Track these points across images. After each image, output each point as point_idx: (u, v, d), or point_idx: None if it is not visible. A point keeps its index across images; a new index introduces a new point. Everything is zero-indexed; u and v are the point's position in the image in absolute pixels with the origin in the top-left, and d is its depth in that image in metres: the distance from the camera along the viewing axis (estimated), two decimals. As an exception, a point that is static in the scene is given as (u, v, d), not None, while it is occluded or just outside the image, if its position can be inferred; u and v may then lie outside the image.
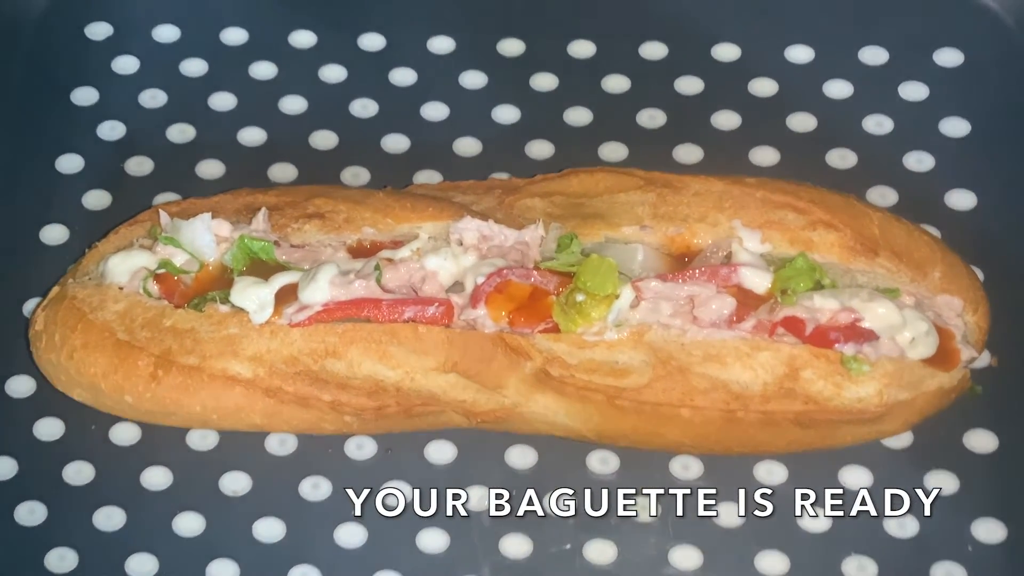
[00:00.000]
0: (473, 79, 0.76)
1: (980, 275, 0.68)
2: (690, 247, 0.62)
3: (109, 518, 0.64)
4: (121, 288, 0.63)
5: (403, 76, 0.77)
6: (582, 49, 0.77)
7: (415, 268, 0.61)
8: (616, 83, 0.76)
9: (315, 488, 0.65)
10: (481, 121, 0.75)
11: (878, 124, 0.74)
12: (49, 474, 0.65)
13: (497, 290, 0.60)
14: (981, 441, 0.65)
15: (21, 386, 0.67)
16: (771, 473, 0.64)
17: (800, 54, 0.76)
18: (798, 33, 0.77)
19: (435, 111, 0.75)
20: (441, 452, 0.66)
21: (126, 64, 0.78)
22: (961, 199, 0.71)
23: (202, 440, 0.66)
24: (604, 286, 0.59)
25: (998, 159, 0.72)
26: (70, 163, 0.75)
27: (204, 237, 0.62)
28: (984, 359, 0.66)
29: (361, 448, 0.66)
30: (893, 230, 0.63)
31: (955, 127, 0.73)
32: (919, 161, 0.72)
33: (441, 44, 0.78)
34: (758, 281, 0.60)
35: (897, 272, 0.62)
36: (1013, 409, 0.66)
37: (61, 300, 0.63)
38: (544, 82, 0.76)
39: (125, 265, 0.63)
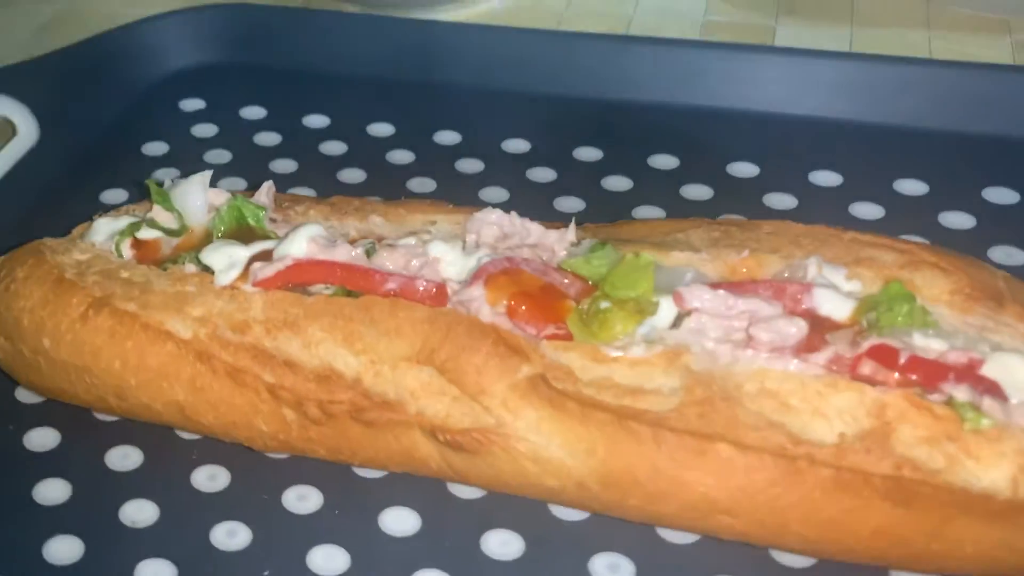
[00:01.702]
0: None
1: None
2: (754, 277, 0.46)
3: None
4: (94, 244, 0.52)
5: (472, 166, 0.69)
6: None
7: (416, 253, 0.48)
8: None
9: (231, 536, 0.47)
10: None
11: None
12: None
13: (503, 274, 0.45)
14: None
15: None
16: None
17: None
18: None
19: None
20: (402, 522, 0.47)
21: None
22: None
23: (122, 460, 0.51)
24: (635, 284, 0.44)
25: None
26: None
27: (197, 197, 0.52)
28: None
29: (304, 500, 0.49)
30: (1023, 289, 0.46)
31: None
32: None
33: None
34: (838, 307, 0.43)
35: (1032, 335, 0.43)
36: None
37: (31, 245, 0.53)
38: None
39: (109, 227, 0.53)
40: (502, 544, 0.46)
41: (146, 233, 0.52)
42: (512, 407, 0.43)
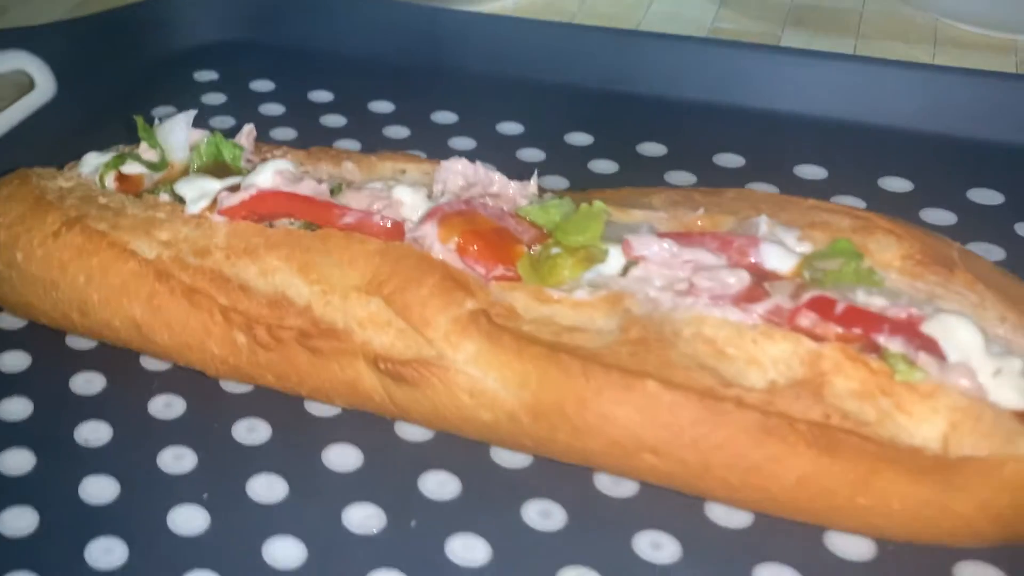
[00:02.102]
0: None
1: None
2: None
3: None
4: (80, 174, 0.54)
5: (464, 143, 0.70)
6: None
7: (380, 195, 0.49)
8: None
9: (178, 459, 0.48)
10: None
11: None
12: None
13: (459, 214, 0.46)
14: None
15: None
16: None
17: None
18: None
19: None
20: (343, 457, 0.47)
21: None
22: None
23: (86, 385, 0.52)
24: (585, 230, 0.44)
25: None
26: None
27: (179, 134, 0.53)
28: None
29: (252, 431, 0.49)
30: (980, 262, 0.45)
31: None
32: None
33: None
34: (783, 261, 0.43)
35: (980, 303, 0.42)
36: None
37: (20, 171, 0.54)
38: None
39: (96, 160, 0.55)
40: (440, 484, 0.46)
41: (130, 167, 0.54)
42: (453, 340, 0.43)
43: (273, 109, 0.74)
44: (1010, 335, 0.42)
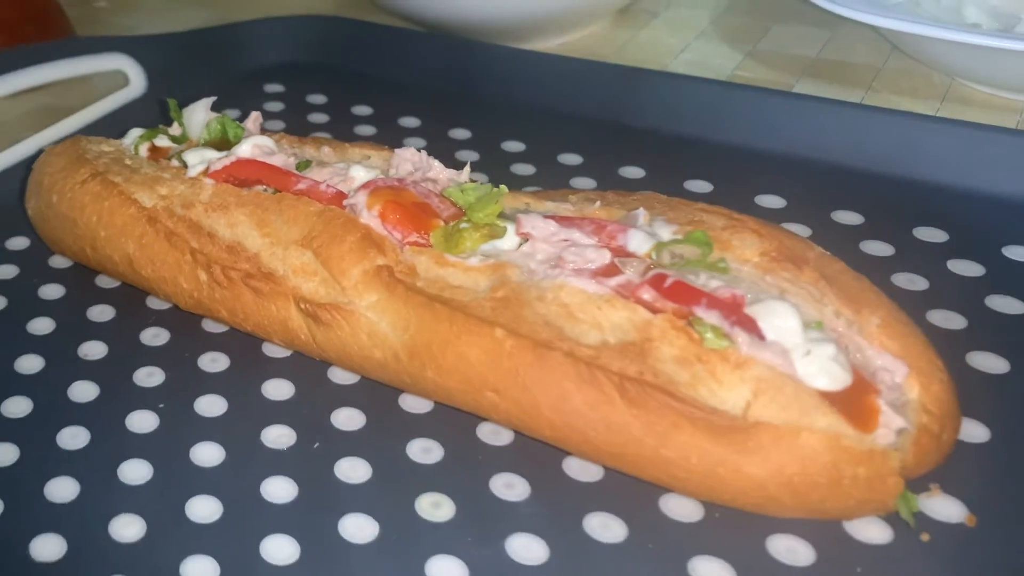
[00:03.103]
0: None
1: (986, 434, 0.48)
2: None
3: None
4: (122, 143, 0.65)
5: (470, 156, 0.78)
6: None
7: (338, 172, 0.57)
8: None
9: (149, 376, 0.57)
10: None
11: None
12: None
13: (388, 187, 0.53)
14: (912, 601, 0.41)
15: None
16: (606, 527, 0.45)
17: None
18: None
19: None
20: (279, 388, 0.55)
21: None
22: (989, 362, 0.53)
23: (99, 315, 0.62)
24: (485, 210, 0.51)
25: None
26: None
27: (198, 115, 0.64)
28: (956, 514, 0.44)
29: (215, 362, 0.58)
30: (834, 264, 0.48)
31: (1007, 304, 0.57)
32: (946, 319, 0.56)
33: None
34: (642, 244, 0.47)
35: (821, 299, 0.46)
36: (965, 572, 0.42)
37: (76, 137, 0.66)
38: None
39: (136, 133, 0.66)
40: (348, 419, 0.53)
41: (161, 141, 0.65)
42: (360, 289, 0.50)
43: (318, 118, 0.85)
44: (842, 328, 0.45)
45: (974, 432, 0.49)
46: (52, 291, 0.66)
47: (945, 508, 0.45)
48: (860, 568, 0.43)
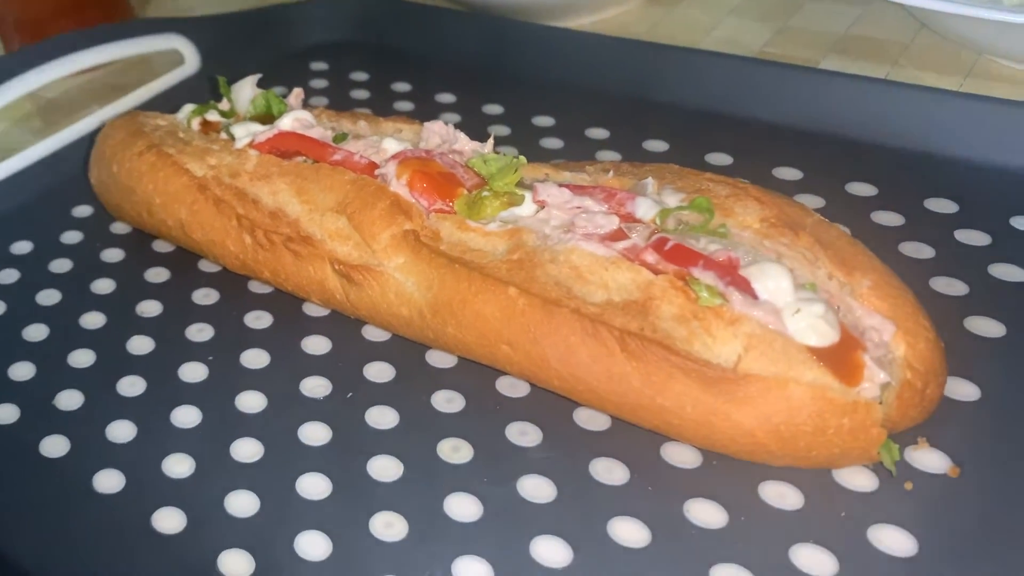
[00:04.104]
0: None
1: (976, 393, 0.51)
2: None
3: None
4: (176, 118, 0.70)
5: (502, 131, 0.81)
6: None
7: (371, 144, 0.61)
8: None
9: (200, 332, 0.62)
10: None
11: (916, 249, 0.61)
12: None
13: (416, 158, 0.57)
14: (893, 541, 0.44)
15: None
16: (610, 471, 0.49)
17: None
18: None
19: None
20: (317, 344, 0.60)
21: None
22: (986, 326, 0.55)
23: (155, 276, 0.68)
24: (504, 177, 0.54)
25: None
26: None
27: (246, 91, 0.68)
28: (941, 465, 0.47)
29: (259, 320, 0.63)
30: (831, 230, 0.50)
31: (1008, 271, 0.59)
32: (949, 285, 0.58)
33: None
34: (648, 211, 0.51)
35: (815, 262, 0.48)
36: (947, 523, 0.44)
37: (133, 111, 0.71)
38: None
39: (189, 108, 0.71)
40: (379, 372, 0.57)
41: (211, 115, 0.69)
42: (389, 252, 0.55)
43: (359, 94, 0.89)
44: (834, 290, 0.48)
45: (966, 391, 0.51)
46: (113, 255, 0.71)
47: (930, 460, 0.48)
48: (844, 512, 0.46)
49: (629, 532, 0.46)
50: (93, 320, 0.65)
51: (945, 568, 0.43)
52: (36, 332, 0.64)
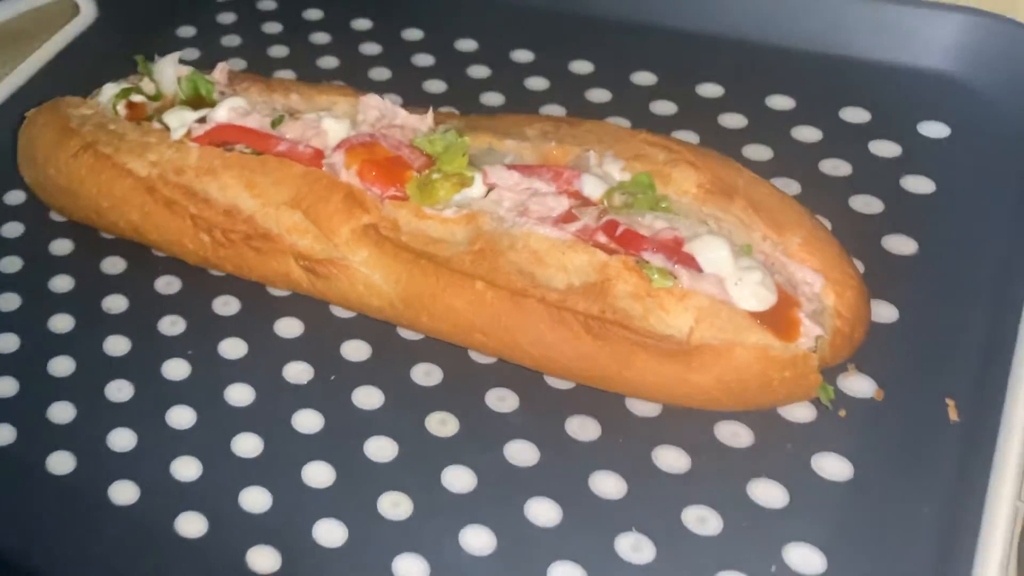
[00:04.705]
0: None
1: (895, 315, 0.58)
2: (558, 163, 0.58)
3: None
4: (99, 103, 0.69)
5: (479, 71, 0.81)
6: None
7: (311, 125, 0.62)
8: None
9: (172, 325, 0.65)
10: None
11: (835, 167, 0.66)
12: None
13: (363, 145, 0.59)
14: (832, 466, 0.52)
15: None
16: (583, 428, 0.55)
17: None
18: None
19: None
20: (290, 327, 0.63)
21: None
22: (900, 244, 0.61)
23: (112, 267, 0.69)
24: (453, 162, 0.57)
25: (952, 218, 0.62)
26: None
27: (168, 72, 0.67)
28: (868, 389, 0.54)
29: (227, 306, 0.65)
30: (761, 188, 0.55)
31: (918, 184, 0.65)
32: (866, 204, 0.64)
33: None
34: (596, 189, 0.54)
35: (751, 225, 0.53)
36: (878, 445, 0.52)
37: (55, 101, 0.70)
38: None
39: (111, 91, 0.69)
40: (355, 350, 0.61)
41: (136, 97, 0.68)
42: (352, 246, 0.57)
43: (272, 28, 0.87)
44: (768, 250, 0.53)
45: (884, 313, 0.58)
46: (62, 247, 0.71)
47: (859, 385, 0.55)
48: (790, 444, 0.53)
49: (608, 485, 0.53)
50: (62, 323, 0.66)
51: (878, 489, 0.51)
52: (8, 343, 0.66)
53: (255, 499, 0.56)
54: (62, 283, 0.69)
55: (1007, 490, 0.48)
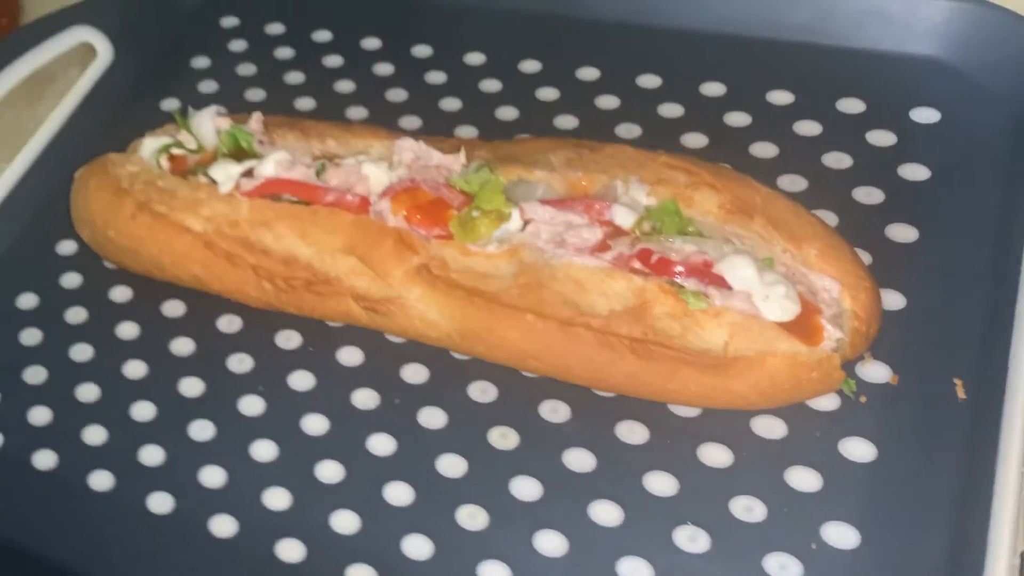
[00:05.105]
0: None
1: (902, 302, 0.63)
2: (587, 191, 0.63)
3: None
4: (143, 159, 0.73)
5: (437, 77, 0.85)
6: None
7: (353, 171, 0.67)
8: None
9: (240, 363, 0.70)
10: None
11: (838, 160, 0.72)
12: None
13: (405, 191, 0.64)
14: (858, 449, 0.59)
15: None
16: (632, 432, 0.61)
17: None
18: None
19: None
20: (351, 355, 0.69)
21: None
22: (903, 232, 0.67)
23: (172, 309, 0.74)
24: (491, 200, 0.62)
25: (948, 204, 0.68)
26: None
27: (207, 125, 0.71)
28: (884, 375, 0.61)
29: (288, 340, 0.71)
30: (778, 204, 0.61)
31: (915, 172, 0.70)
32: (868, 194, 0.69)
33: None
34: (627, 218, 0.60)
35: (771, 240, 0.59)
36: (898, 427, 0.59)
37: (99, 160, 0.74)
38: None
39: (152, 144, 0.74)
40: (415, 373, 0.67)
41: (176, 151, 0.73)
42: (406, 285, 0.63)
43: (284, 53, 0.90)
44: (789, 262, 0.59)
45: (892, 301, 0.63)
46: (122, 294, 0.76)
47: (876, 372, 0.61)
48: (819, 432, 0.59)
49: (661, 483, 0.59)
50: (136, 370, 0.72)
51: (899, 466, 0.57)
52: (89, 393, 0.71)
53: (346, 521, 0.62)
54: (128, 330, 0.74)
55: (1013, 460, 0.55)
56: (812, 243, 0.59)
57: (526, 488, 0.61)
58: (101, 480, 0.67)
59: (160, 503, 0.65)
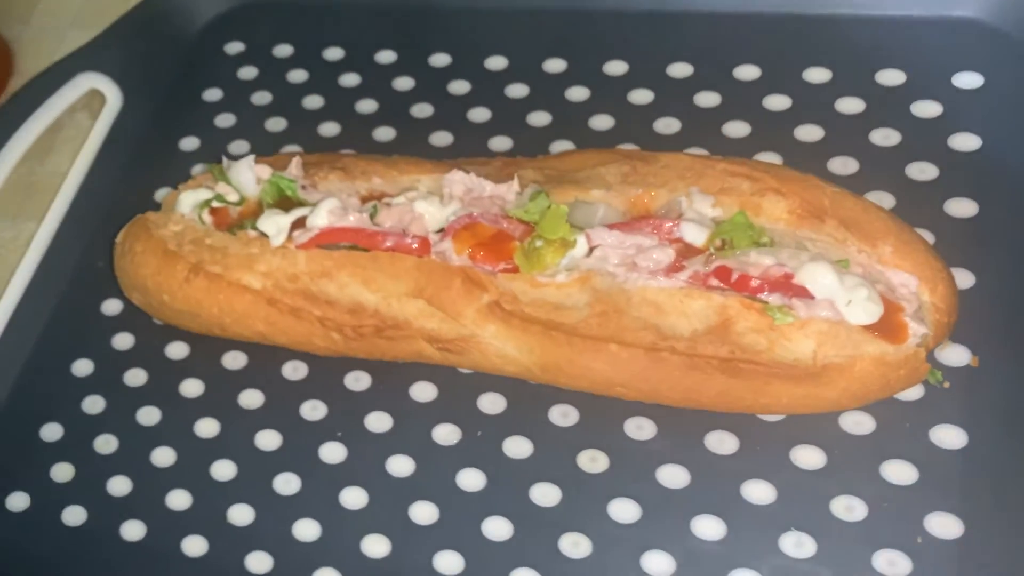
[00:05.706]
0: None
1: (971, 279, 0.64)
2: (648, 208, 0.63)
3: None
4: (183, 215, 0.72)
5: (461, 87, 0.84)
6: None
7: (406, 210, 0.66)
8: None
9: (313, 410, 0.70)
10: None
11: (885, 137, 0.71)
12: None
13: (465, 228, 0.63)
14: (949, 437, 0.59)
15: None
16: (722, 442, 0.62)
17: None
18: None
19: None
20: (424, 391, 0.69)
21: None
22: (962, 207, 0.67)
23: (232, 361, 0.73)
24: (555, 229, 0.61)
25: (1004, 172, 0.67)
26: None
27: (247, 175, 0.70)
28: (963, 358, 0.61)
29: (358, 381, 0.70)
30: (846, 203, 0.60)
31: (965, 142, 0.69)
32: (922, 171, 0.69)
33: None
34: (698, 235, 0.59)
35: (844, 241, 0.59)
36: (985, 409, 0.60)
37: (138, 221, 0.73)
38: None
39: (190, 199, 0.72)
40: (492, 403, 0.67)
41: (217, 203, 0.71)
42: (479, 323, 0.62)
43: (297, 76, 0.88)
44: (865, 262, 0.59)
45: (962, 279, 0.64)
46: (178, 350, 0.76)
47: (956, 355, 0.61)
48: (908, 424, 0.60)
49: (759, 491, 0.60)
50: (208, 428, 0.72)
51: (991, 449, 0.58)
52: (165, 457, 0.71)
53: (448, 562, 0.63)
54: (193, 388, 0.74)
55: (1106, 433, 0.56)
56: (886, 240, 0.58)
57: (624, 510, 0.62)
58: (194, 545, 0.67)
59: (258, 562, 0.66)
